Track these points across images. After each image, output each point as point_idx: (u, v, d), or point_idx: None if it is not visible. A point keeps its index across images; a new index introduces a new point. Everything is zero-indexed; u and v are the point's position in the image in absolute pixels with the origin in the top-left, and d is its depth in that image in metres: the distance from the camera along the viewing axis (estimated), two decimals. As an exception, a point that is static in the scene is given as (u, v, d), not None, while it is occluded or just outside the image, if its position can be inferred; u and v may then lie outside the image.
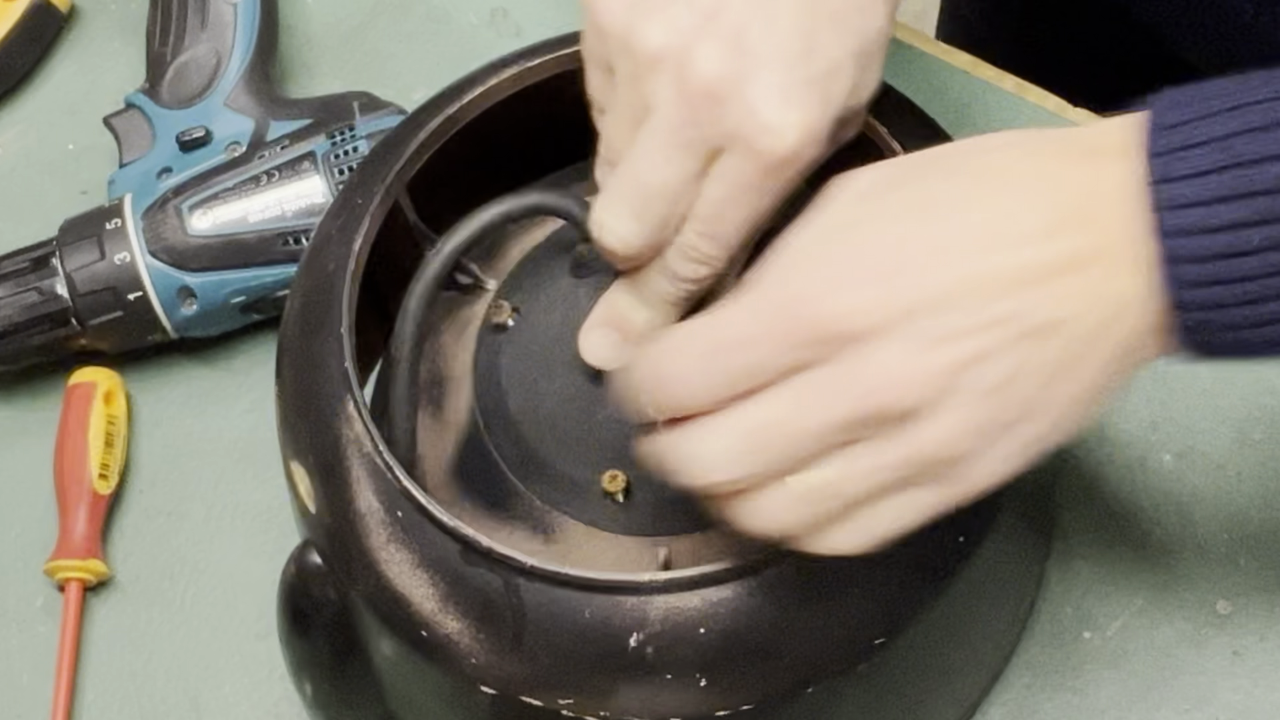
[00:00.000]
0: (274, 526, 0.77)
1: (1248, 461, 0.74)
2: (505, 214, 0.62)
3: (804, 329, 0.53)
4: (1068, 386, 0.53)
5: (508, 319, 0.66)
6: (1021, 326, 0.52)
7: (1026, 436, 0.54)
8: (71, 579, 0.76)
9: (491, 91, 0.67)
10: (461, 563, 0.58)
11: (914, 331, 0.52)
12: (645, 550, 0.62)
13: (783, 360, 0.53)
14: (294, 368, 0.64)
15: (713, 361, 0.54)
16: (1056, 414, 0.54)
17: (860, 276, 0.53)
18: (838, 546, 0.54)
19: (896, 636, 0.58)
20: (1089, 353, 0.53)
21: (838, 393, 0.52)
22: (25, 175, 0.87)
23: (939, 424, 0.52)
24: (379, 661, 0.62)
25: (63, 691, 0.74)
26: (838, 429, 0.53)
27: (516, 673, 0.58)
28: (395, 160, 0.66)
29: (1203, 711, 0.70)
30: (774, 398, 0.53)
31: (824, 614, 0.57)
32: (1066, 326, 0.52)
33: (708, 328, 0.54)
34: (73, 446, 0.77)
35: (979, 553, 0.60)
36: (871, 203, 0.55)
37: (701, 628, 0.57)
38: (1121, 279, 0.53)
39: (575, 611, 0.57)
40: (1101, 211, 0.53)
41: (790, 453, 0.53)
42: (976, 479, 0.54)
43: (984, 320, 0.52)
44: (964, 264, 0.52)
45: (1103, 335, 0.53)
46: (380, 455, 0.60)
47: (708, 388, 0.54)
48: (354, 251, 0.64)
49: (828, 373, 0.53)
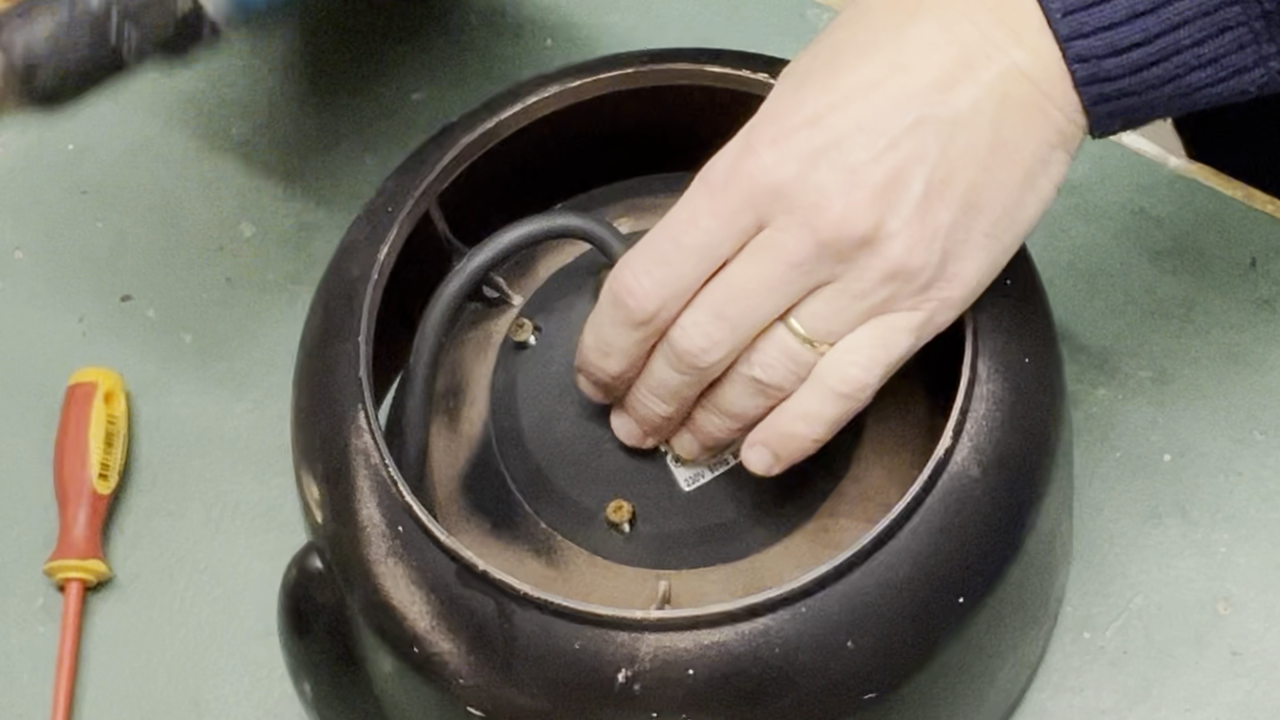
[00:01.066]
0: (274, 526, 0.77)
1: (1248, 461, 0.74)
2: (533, 235, 0.62)
3: (736, 194, 0.57)
4: (1004, 166, 0.57)
5: (529, 337, 0.66)
6: (934, 128, 0.56)
7: (984, 227, 0.57)
8: (71, 579, 0.76)
9: (532, 109, 0.67)
10: (457, 583, 0.58)
11: (837, 165, 0.56)
12: (646, 582, 0.62)
13: (729, 230, 0.57)
14: (311, 372, 0.64)
15: (669, 251, 0.57)
16: (1004, 197, 0.57)
17: (777, 135, 0.57)
18: (851, 378, 0.58)
19: (889, 693, 0.58)
20: (1009, 127, 0.56)
21: (785, 240, 0.56)
22: (25, 175, 0.87)
23: (894, 239, 0.56)
24: (374, 672, 0.62)
25: (63, 691, 0.74)
26: (797, 271, 0.56)
27: (504, 697, 0.58)
28: (429, 171, 0.66)
29: (1203, 711, 0.70)
30: (732, 265, 0.57)
31: (816, 665, 0.57)
32: (976, 111, 0.56)
33: (657, 228, 0.58)
34: (73, 446, 0.77)
35: (977, 615, 0.59)
36: (789, 78, 0.59)
37: (691, 669, 0.56)
38: (1018, 51, 0.56)
39: (566, 642, 0.57)
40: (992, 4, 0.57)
41: (760, 305, 0.57)
42: (956, 283, 0.57)
43: (897, 133, 0.56)
44: (869, 95, 0.56)
45: (1015, 109, 0.56)
46: (386, 469, 0.60)
47: (673, 277, 0.57)
48: (379, 260, 0.64)
49: (773, 226, 0.56)
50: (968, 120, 0.56)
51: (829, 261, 0.56)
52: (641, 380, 0.60)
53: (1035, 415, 0.61)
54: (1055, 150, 0.58)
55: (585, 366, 0.61)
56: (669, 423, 0.61)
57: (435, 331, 0.62)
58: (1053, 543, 0.64)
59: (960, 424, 0.59)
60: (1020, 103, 0.56)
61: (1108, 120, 0.57)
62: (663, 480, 0.63)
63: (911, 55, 0.57)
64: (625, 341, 0.59)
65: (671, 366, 0.59)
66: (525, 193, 0.68)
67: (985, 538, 0.59)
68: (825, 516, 0.62)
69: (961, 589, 0.58)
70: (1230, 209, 0.79)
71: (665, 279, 0.57)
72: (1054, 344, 0.63)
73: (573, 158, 0.69)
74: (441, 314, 0.62)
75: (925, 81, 0.56)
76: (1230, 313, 0.77)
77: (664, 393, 0.60)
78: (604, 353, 0.60)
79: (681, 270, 0.57)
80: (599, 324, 0.60)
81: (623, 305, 0.58)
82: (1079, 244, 0.79)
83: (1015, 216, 0.58)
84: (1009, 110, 0.56)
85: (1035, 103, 0.57)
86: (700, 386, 0.60)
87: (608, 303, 0.59)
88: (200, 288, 0.83)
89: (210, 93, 0.88)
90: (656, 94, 0.66)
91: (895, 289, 0.57)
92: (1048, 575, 0.66)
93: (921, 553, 0.57)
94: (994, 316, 0.61)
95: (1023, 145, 0.57)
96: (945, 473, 0.58)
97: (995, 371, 0.60)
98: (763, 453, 0.59)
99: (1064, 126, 0.57)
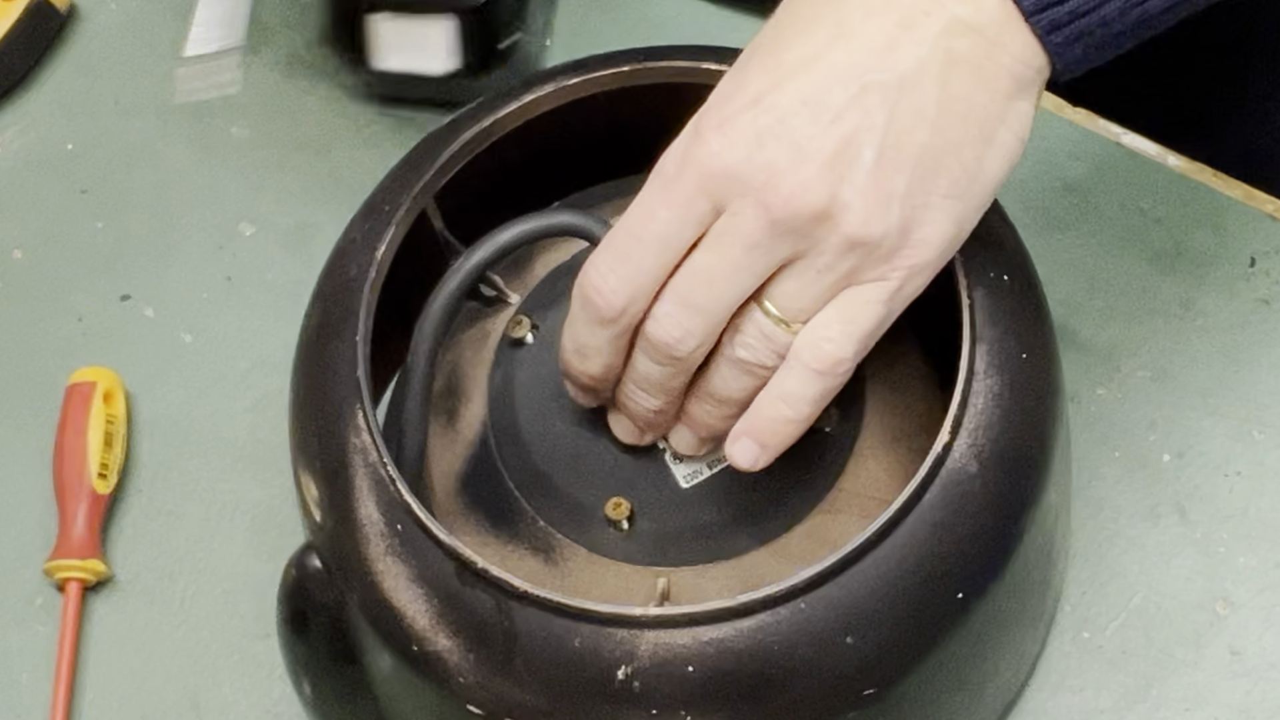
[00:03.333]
0: (274, 526, 0.77)
1: (1248, 461, 0.74)
2: (531, 233, 0.62)
3: (688, 183, 0.56)
4: (956, 124, 0.56)
5: (527, 335, 0.66)
6: (878, 94, 0.55)
7: (943, 188, 0.56)
8: (71, 579, 0.76)
9: (528, 107, 0.67)
10: (456, 581, 0.58)
11: (785, 142, 0.55)
12: (645, 579, 0.62)
13: (686, 219, 0.57)
14: (309, 371, 0.64)
15: (629, 246, 0.57)
16: (961, 155, 0.56)
17: (723, 119, 0.57)
18: (826, 355, 0.57)
19: (888, 689, 0.58)
20: (957, 83, 0.56)
21: (741, 223, 0.56)
22: (25, 175, 0.87)
23: (849, 209, 0.55)
24: (373, 671, 0.62)
25: (63, 691, 0.74)
26: (757, 252, 0.56)
27: (504, 694, 0.58)
28: (426, 169, 0.66)
29: (1203, 711, 0.70)
30: (695, 254, 0.57)
31: (815, 661, 0.57)
32: (921, 72, 0.56)
33: (617, 225, 0.58)
34: (73, 446, 0.77)
35: (976, 610, 0.59)
36: (736, 64, 0.58)
37: (690, 665, 0.56)
38: (957, 5, 0.56)
39: (565, 639, 0.57)
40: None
41: (726, 290, 0.57)
42: (922, 248, 0.57)
43: (841, 104, 0.55)
44: (810, 68, 0.56)
45: (962, 63, 0.56)
46: (385, 467, 0.60)
47: (636, 272, 0.57)
48: (377, 259, 0.64)
49: (729, 211, 0.56)
50: (912, 82, 0.56)
51: (788, 239, 0.56)
52: (627, 377, 0.60)
53: (1033, 411, 0.61)
54: (1013, 101, 0.57)
55: (567, 370, 0.61)
56: (662, 416, 0.61)
57: (433, 330, 0.62)
58: (1051, 538, 0.64)
59: (958, 419, 0.59)
60: (966, 56, 0.56)
61: (1068, 51, 0.57)
62: (661, 478, 0.63)
63: (850, 24, 0.56)
64: (599, 340, 0.59)
65: (651, 359, 0.59)
66: (522, 191, 0.68)
67: (984, 533, 0.59)
68: (824, 513, 0.62)
69: (961, 584, 0.58)
70: (1230, 209, 0.79)
71: (628, 274, 0.58)
72: (1051, 339, 0.63)
73: (570, 156, 0.69)
74: (439, 312, 0.62)
75: (865, 47, 0.56)
76: (1230, 312, 0.77)
77: (650, 387, 0.60)
78: (581, 354, 0.60)
79: (643, 264, 0.57)
80: (573, 326, 0.60)
81: (591, 305, 0.58)
82: (1079, 244, 0.79)
83: (976, 174, 0.57)
84: (955, 65, 0.56)
85: (984, 52, 0.56)
86: (684, 376, 0.60)
87: (578, 304, 0.59)
88: (200, 288, 0.83)
89: (210, 93, 0.88)
90: (653, 92, 0.66)
91: (858, 260, 0.56)
92: (1046, 571, 0.66)
93: (920, 548, 0.57)
94: (991, 312, 0.61)
95: (974, 99, 0.56)
96: (943, 468, 0.58)
97: (993, 367, 0.60)
98: (747, 444, 0.59)
99: (1019, 73, 0.57)
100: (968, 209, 0.57)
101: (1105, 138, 0.81)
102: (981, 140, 0.57)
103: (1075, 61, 0.57)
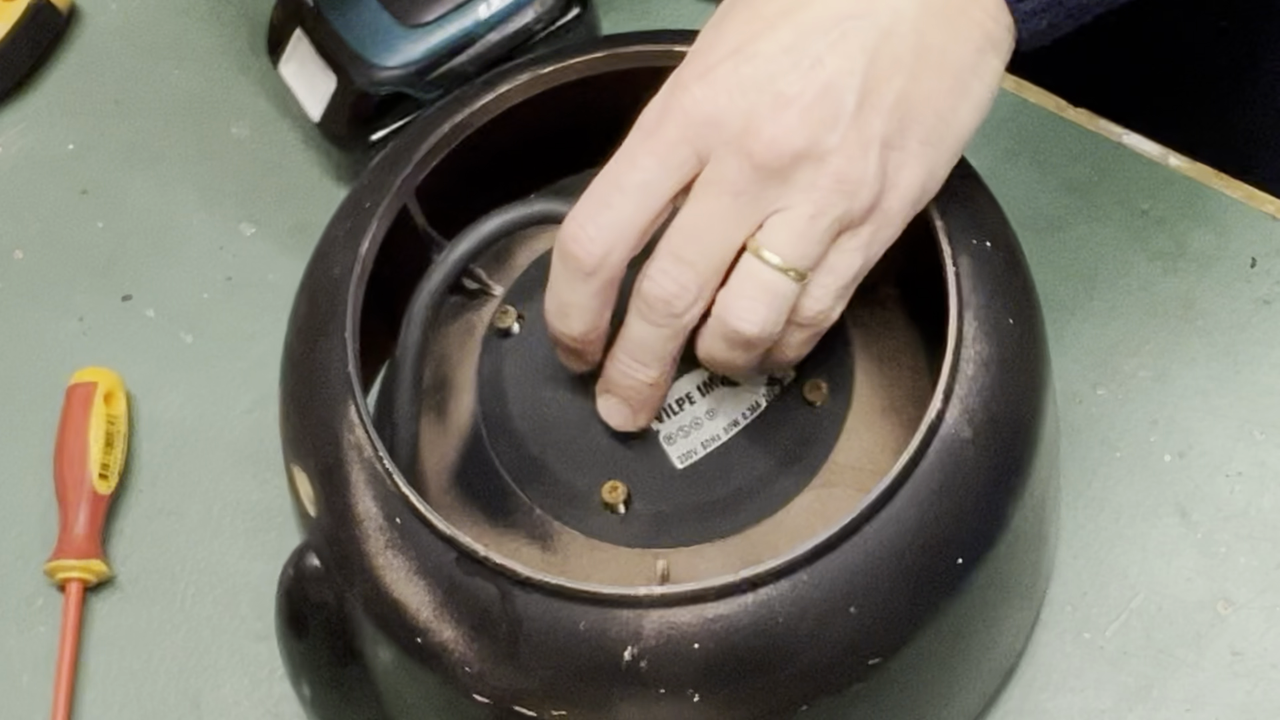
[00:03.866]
0: (274, 526, 0.77)
1: (1248, 461, 0.74)
2: (512, 223, 0.62)
3: (670, 131, 0.57)
4: (932, 73, 0.57)
5: (513, 325, 0.66)
6: (858, 40, 0.56)
7: (919, 134, 0.57)
8: (71, 579, 0.76)
9: (504, 97, 0.67)
10: (458, 571, 0.58)
11: (766, 89, 0.56)
12: (644, 562, 0.62)
13: (667, 166, 0.57)
14: (298, 370, 0.64)
15: (609, 195, 0.58)
16: (936, 103, 0.57)
17: (704, 69, 0.57)
18: (818, 305, 0.58)
19: (892, 657, 0.58)
20: (933, 33, 0.57)
21: (724, 171, 0.56)
22: (25, 175, 0.88)
23: (834, 152, 0.56)
24: (375, 666, 0.62)
25: (63, 691, 0.74)
26: (742, 199, 0.56)
27: (510, 682, 0.58)
28: (405, 164, 0.66)
29: (1203, 711, 0.70)
30: (682, 208, 0.58)
31: (819, 633, 0.57)
32: (898, 19, 0.56)
33: (597, 178, 0.58)
34: (73, 446, 0.77)
35: (975, 574, 0.59)
36: (712, 22, 0.59)
37: (696, 643, 0.57)
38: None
39: (570, 623, 0.57)
40: None
41: (715, 241, 0.57)
42: (894, 194, 0.57)
43: (821, 50, 0.56)
44: (790, 17, 0.57)
45: (938, 14, 0.57)
46: (380, 461, 0.60)
47: (616, 220, 0.57)
48: (360, 255, 0.64)
49: (712, 160, 0.57)
50: (890, 28, 0.56)
51: (772, 184, 0.56)
52: (620, 348, 0.60)
53: (1023, 375, 0.61)
54: (984, 54, 0.58)
55: (553, 333, 0.61)
56: (655, 391, 0.61)
57: (420, 323, 0.62)
58: (1044, 501, 0.65)
59: (950, 386, 0.59)
60: (942, 7, 0.57)
61: (1033, 20, 0.58)
62: (656, 459, 0.63)
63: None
64: (580, 296, 0.59)
65: (647, 320, 0.59)
66: (502, 182, 0.68)
67: (981, 498, 0.59)
68: (819, 487, 0.63)
69: (960, 549, 0.59)
70: (1230, 209, 0.79)
71: (608, 222, 0.58)
72: (1036, 304, 0.63)
73: (547, 145, 0.69)
74: (426, 305, 0.62)
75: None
76: (1230, 312, 0.77)
77: (645, 355, 0.60)
78: (563, 313, 0.60)
79: (623, 212, 0.58)
80: (554, 285, 0.60)
81: (571, 257, 0.58)
82: (1079, 244, 0.79)
83: (950, 123, 0.58)
84: (932, 16, 0.57)
85: (958, 7, 0.57)
86: (679, 340, 0.59)
87: (558, 261, 0.59)
88: (200, 288, 0.83)
89: (210, 93, 0.88)
90: (627, 77, 0.66)
91: (847, 204, 0.57)
92: (1041, 533, 0.66)
93: (918, 515, 0.58)
94: (976, 278, 0.61)
95: (949, 50, 0.57)
96: (937, 435, 0.58)
97: (981, 333, 0.60)
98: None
99: (990, 29, 0.58)
100: (940, 157, 0.58)
101: (1105, 138, 0.81)
102: (955, 90, 0.58)
103: (1039, 32, 0.58)
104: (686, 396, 0.63)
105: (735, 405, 0.63)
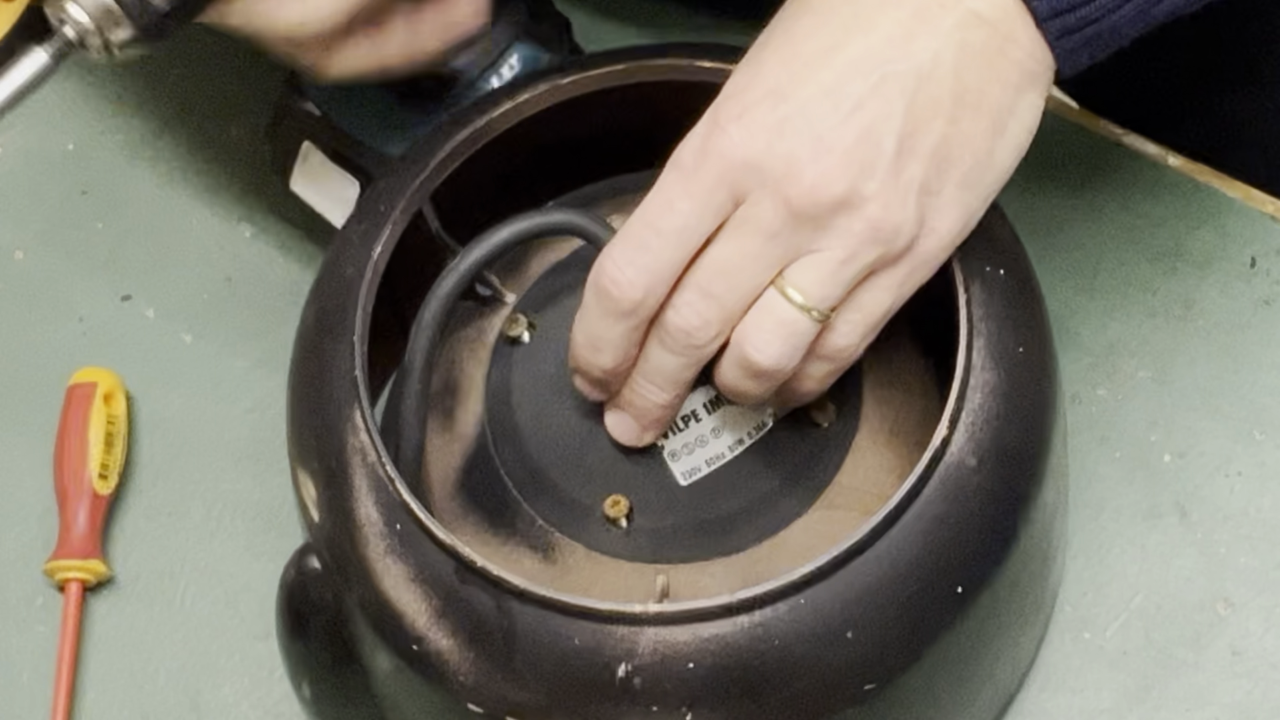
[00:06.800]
0: (274, 526, 0.77)
1: (1248, 461, 0.74)
2: (527, 231, 0.62)
3: (708, 174, 0.56)
4: (970, 115, 0.57)
5: (524, 333, 0.66)
6: (897, 84, 0.56)
7: (956, 178, 0.57)
8: (71, 579, 0.76)
9: (523, 106, 0.67)
10: (456, 580, 0.58)
11: (805, 132, 0.56)
12: (644, 577, 0.62)
13: (705, 210, 0.57)
14: (306, 372, 0.64)
15: (648, 238, 0.57)
16: (974, 146, 0.57)
17: (742, 110, 0.57)
18: (842, 341, 0.58)
19: (889, 684, 0.58)
20: (972, 75, 0.56)
21: (760, 212, 0.56)
22: (25, 175, 0.87)
23: (872, 199, 0.56)
24: (373, 670, 0.62)
25: (63, 691, 0.74)
26: (775, 241, 0.56)
27: (504, 693, 0.58)
28: (421, 169, 0.66)
29: (1203, 711, 0.70)
30: (714, 243, 0.57)
31: (815, 657, 0.57)
32: (937, 63, 0.56)
33: (634, 217, 0.58)
34: (73, 446, 0.77)
35: (975, 604, 0.59)
36: (749, 55, 0.59)
37: (690, 662, 0.56)
38: (975, 1, 0.56)
39: (565, 637, 0.57)
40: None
41: (744, 280, 0.57)
42: (932, 238, 0.57)
43: (861, 94, 0.56)
44: (829, 59, 0.56)
45: (976, 55, 0.56)
46: (383, 467, 0.60)
47: (655, 263, 0.57)
48: (373, 259, 0.64)
49: (749, 201, 0.56)
50: (929, 73, 0.56)
51: (807, 228, 0.56)
52: (638, 371, 0.60)
53: (1031, 405, 0.61)
54: (1023, 93, 0.58)
55: (579, 364, 0.61)
56: (667, 413, 0.61)
57: (431, 329, 0.62)
58: (1050, 533, 0.64)
59: (956, 413, 0.59)
60: (980, 49, 0.56)
61: (1074, 55, 0.57)
62: (659, 475, 0.63)
63: (867, 16, 0.57)
64: (615, 333, 0.59)
65: (667, 349, 0.59)
66: (518, 190, 0.68)
67: (983, 527, 0.59)
68: (822, 509, 0.62)
69: (960, 579, 0.58)
70: (1230, 209, 0.79)
71: (647, 265, 0.57)
72: (1048, 334, 0.63)
73: (564, 154, 0.69)
74: (437, 311, 0.62)
75: (883, 39, 0.56)
76: (1230, 312, 0.77)
77: (662, 380, 0.60)
78: (595, 348, 0.60)
79: (662, 255, 0.57)
80: (587, 319, 0.60)
81: (608, 297, 0.58)
82: (1079, 244, 0.79)
83: (988, 165, 0.58)
84: (970, 58, 0.56)
85: (996, 47, 0.57)
86: (696, 369, 0.60)
87: (593, 297, 0.59)
88: (200, 288, 0.83)
89: (209, 92, 0.88)
90: (647, 90, 0.66)
91: (882, 250, 0.57)
92: (1045, 565, 0.66)
93: (919, 543, 0.57)
94: (988, 306, 0.61)
95: (987, 92, 0.57)
96: (942, 463, 0.58)
97: (990, 361, 0.60)
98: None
99: (1029, 67, 0.57)
100: (977, 199, 0.58)
101: (1105, 138, 0.81)
102: (993, 131, 0.57)
103: (1080, 64, 0.58)
104: (693, 413, 0.63)
105: (741, 423, 0.63)
